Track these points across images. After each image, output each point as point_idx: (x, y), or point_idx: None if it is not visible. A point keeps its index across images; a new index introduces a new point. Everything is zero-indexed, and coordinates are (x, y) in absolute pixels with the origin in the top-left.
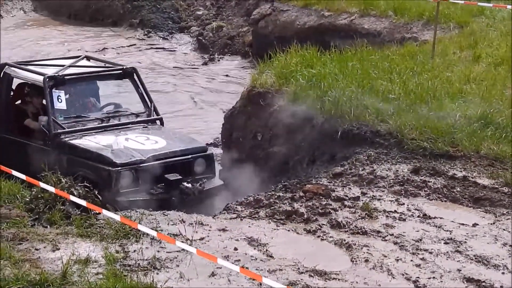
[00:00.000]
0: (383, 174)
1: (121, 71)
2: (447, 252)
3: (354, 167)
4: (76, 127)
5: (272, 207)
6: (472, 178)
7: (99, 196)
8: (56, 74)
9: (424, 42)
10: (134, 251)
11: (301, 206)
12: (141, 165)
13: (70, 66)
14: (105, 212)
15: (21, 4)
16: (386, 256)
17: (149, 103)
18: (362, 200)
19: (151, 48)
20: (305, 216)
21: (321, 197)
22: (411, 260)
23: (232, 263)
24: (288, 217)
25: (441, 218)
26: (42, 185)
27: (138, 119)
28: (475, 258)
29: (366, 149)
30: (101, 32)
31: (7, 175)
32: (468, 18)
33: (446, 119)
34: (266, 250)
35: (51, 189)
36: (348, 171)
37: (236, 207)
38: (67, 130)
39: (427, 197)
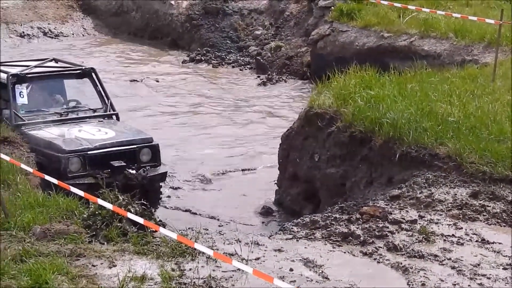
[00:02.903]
0: (441, 198)
1: (80, 71)
2: (506, 277)
3: (412, 190)
4: (36, 119)
5: (329, 229)
6: None
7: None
8: (18, 72)
9: (485, 64)
10: (190, 269)
11: (357, 228)
12: (88, 152)
13: (35, 66)
14: (162, 230)
15: (82, 22)
16: (443, 281)
17: (106, 100)
18: (420, 223)
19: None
20: (362, 238)
21: (378, 219)
22: (469, 285)
23: (288, 283)
24: (345, 239)
25: (499, 243)
26: (100, 202)
27: (95, 114)
28: None
29: (424, 172)
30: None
31: (65, 191)
32: None
33: (506, 143)
34: (322, 271)
35: (109, 206)
36: (405, 194)
37: (292, 228)
38: (26, 122)
39: (485, 222)
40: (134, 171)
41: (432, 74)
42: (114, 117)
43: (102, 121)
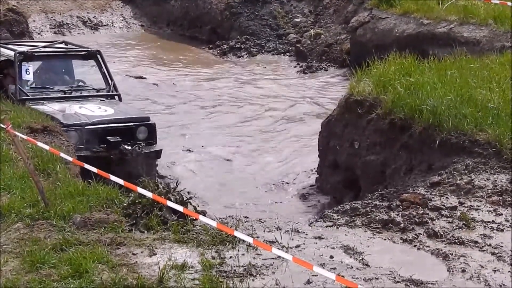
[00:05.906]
0: (481, 184)
1: (85, 52)
2: None
3: (452, 177)
4: (40, 96)
5: (369, 216)
6: None
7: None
8: (25, 50)
9: None
10: (230, 257)
11: (397, 215)
12: (85, 127)
13: (44, 46)
14: (202, 218)
15: (121, 10)
16: (483, 267)
17: (110, 81)
18: (460, 210)
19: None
20: (402, 225)
21: (418, 206)
22: (509, 271)
23: (328, 271)
24: (385, 226)
25: None
26: (140, 190)
27: (98, 93)
28: None
29: (464, 158)
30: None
31: (105, 180)
32: None
33: None
34: (362, 258)
35: (149, 194)
36: (445, 181)
37: (332, 215)
38: (30, 97)
39: None
40: (129, 147)
41: (472, 61)
42: (116, 97)
43: (104, 100)
